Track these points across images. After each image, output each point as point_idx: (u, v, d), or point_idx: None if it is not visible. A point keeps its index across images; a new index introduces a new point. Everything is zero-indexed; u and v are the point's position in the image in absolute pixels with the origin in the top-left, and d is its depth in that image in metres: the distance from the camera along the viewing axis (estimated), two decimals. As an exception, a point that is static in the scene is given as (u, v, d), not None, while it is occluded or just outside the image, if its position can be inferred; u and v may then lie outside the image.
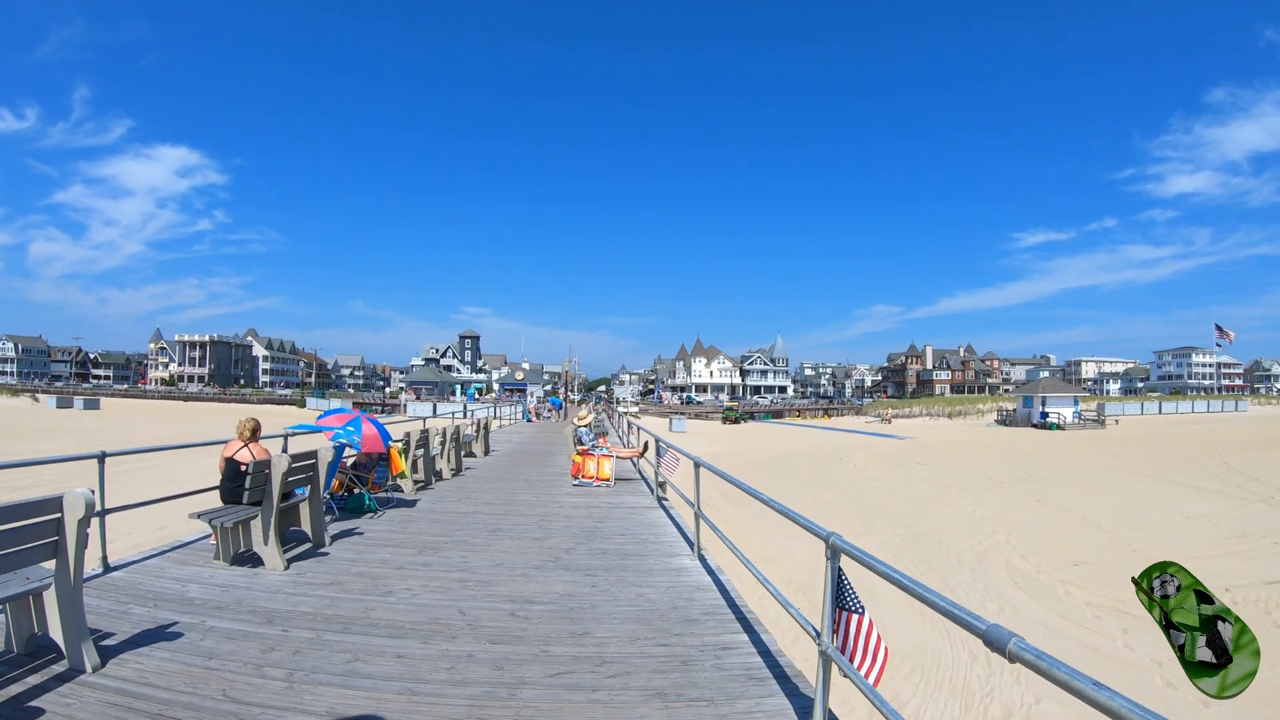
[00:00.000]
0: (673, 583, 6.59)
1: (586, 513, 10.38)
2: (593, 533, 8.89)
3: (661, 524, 9.66)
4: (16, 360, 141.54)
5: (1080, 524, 20.30)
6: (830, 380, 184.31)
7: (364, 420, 9.45)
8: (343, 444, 9.01)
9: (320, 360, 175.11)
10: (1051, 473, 32.51)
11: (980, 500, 25.15)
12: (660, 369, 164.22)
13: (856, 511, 21.95)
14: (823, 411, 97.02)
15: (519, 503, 11.11)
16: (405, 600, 5.89)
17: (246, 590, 6.14)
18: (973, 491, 27.12)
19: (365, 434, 9.26)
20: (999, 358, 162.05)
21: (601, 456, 13.09)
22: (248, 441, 7.41)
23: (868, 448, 45.07)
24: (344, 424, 9.28)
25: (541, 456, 18.77)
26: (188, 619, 5.38)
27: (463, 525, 9.13)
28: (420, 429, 11.93)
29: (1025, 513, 22.19)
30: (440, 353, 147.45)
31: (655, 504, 11.30)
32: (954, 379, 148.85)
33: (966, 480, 30.39)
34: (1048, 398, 70.01)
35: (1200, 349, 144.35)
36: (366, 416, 9.61)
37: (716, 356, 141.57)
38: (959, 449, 45.73)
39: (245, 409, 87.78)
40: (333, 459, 7.95)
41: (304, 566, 6.94)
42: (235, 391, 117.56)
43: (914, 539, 17.94)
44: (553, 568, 7.07)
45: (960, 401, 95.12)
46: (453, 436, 14.09)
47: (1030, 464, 36.11)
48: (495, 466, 16.12)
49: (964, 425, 74.85)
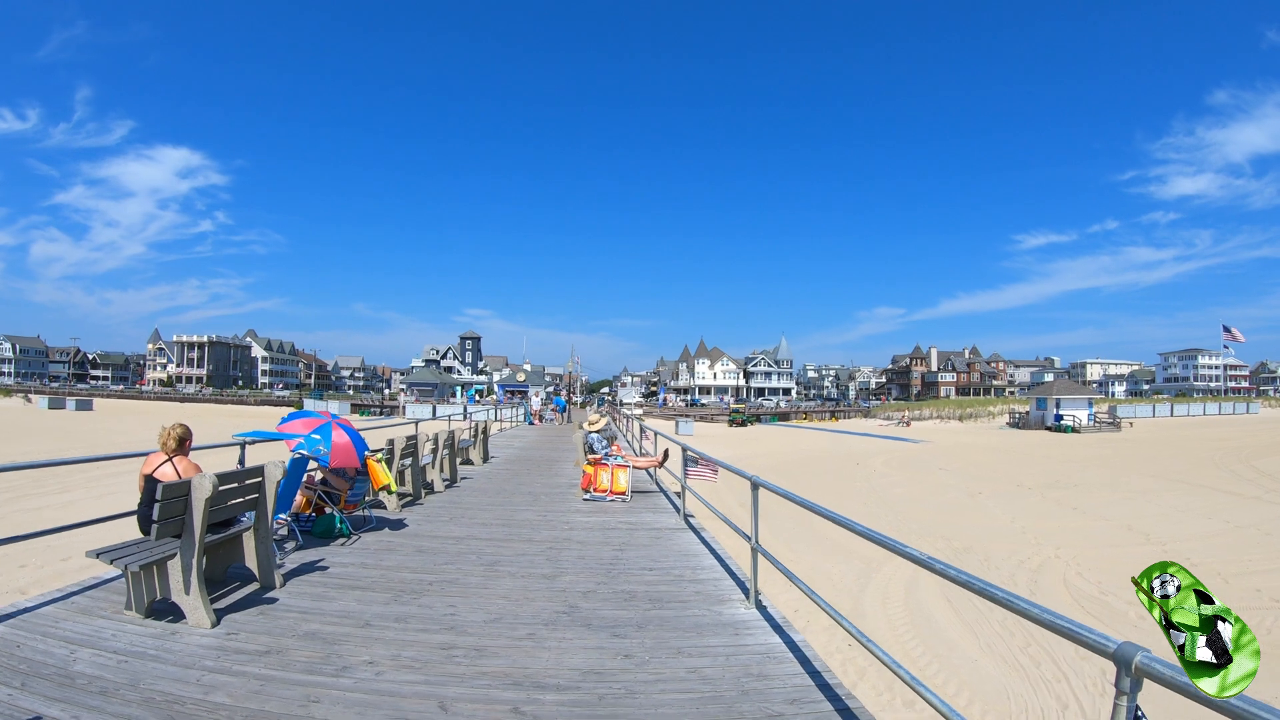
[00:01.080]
0: (732, 648, 4.87)
1: (603, 537, 8.69)
2: (614, 566, 7.19)
3: (695, 551, 7.97)
4: (14, 360, 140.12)
5: (1127, 534, 18.89)
6: (834, 382, 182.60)
7: (335, 426, 7.77)
8: (306, 456, 7.33)
9: (320, 361, 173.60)
10: (1080, 478, 31.03)
11: (1015, 509, 23.67)
12: (663, 371, 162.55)
13: (887, 522, 20.33)
14: (829, 414, 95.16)
15: (522, 524, 9.41)
16: (365, 683, 4.18)
17: (154, 661, 4.45)
18: (1005, 499, 25.60)
19: (336, 443, 7.57)
20: (1004, 360, 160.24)
21: (616, 467, 11.37)
22: (173, 454, 5.74)
23: (883, 452, 43.37)
24: (310, 431, 7.59)
25: (545, 464, 17.08)
26: (57, 712, 3.72)
27: (453, 556, 7.43)
28: (406, 436, 10.19)
29: (1066, 522, 20.70)
30: (441, 354, 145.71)
31: (682, 524, 9.62)
32: (959, 381, 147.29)
33: (995, 486, 28.79)
34: (1061, 400, 68.37)
35: (1206, 351, 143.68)
36: (338, 422, 7.92)
37: (720, 358, 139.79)
38: (976, 452, 44.12)
39: (242, 410, 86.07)
40: (286, 475, 6.27)
41: (240, 621, 5.24)
42: (232, 393, 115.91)
43: (958, 554, 16.28)
44: (568, 622, 5.36)
45: (970, 404, 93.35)
46: (446, 444, 12.40)
47: (1055, 468, 34.63)
48: (495, 476, 14.42)
49: (975, 428, 73.14)
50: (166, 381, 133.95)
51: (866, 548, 15.12)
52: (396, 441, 10.03)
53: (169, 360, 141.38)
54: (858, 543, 15.85)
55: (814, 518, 5.16)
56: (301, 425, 7.60)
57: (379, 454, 8.67)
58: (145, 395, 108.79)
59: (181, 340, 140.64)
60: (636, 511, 10.59)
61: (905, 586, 13.29)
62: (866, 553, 15.16)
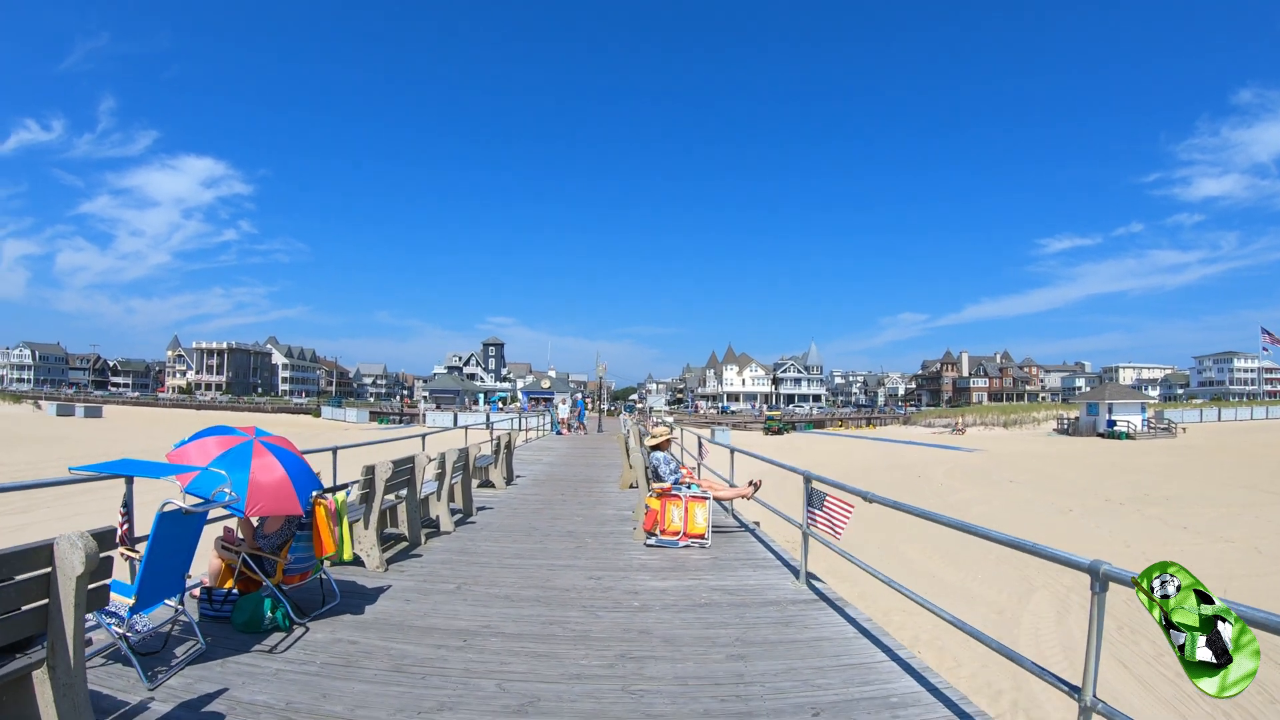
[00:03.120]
0: None
1: (698, 621, 5.43)
2: (741, 697, 3.98)
3: (858, 653, 4.73)
4: (34, 367, 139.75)
5: (1257, 558, 16.23)
6: (862, 388, 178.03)
7: (259, 450, 4.62)
8: (203, 508, 4.19)
9: (342, 369, 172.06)
10: (1168, 490, 27.84)
11: (1118, 528, 20.51)
12: (689, 377, 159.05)
13: (984, 546, 17.08)
14: (866, 421, 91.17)
15: (566, 595, 6.14)
16: None
17: None
18: (1101, 517, 22.49)
19: (258, 482, 4.42)
20: (1037, 364, 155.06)
21: (691, 500, 8.12)
22: None
23: (941, 462, 39.82)
24: (215, 458, 4.46)
25: (583, 487, 13.73)
26: None
27: (457, 681, 4.22)
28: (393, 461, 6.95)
29: (1185, 545, 17.81)
30: (464, 360, 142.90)
31: (805, 590, 6.37)
32: (992, 387, 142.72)
33: (1080, 501, 25.51)
34: (1114, 405, 64.20)
35: (1242, 354, 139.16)
36: (267, 443, 4.76)
37: (749, 364, 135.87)
38: (1035, 460, 40.57)
39: (257, 418, 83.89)
40: (154, 542, 3.13)
41: None
42: (249, 400, 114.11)
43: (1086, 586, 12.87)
44: None
45: (1013, 409, 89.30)
46: (458, 465, 9.24)
47: (1133, 480, 31.51)
48: (521, 506, 11.12)
49: (1022, 435, 69.29)
50: (186, 389, 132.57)
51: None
52: (379, 470, 6.79)
53: (188, 367, 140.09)
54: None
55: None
56: (198, 451, 4.44)
57: (343, 492, 5.45)
58: (161, 403, 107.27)
59: (201, 347, 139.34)
60: (727, 565, 7.31)
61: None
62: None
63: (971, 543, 17.28)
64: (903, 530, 18.27)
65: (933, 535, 17.77)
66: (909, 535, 18.07)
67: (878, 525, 18.93)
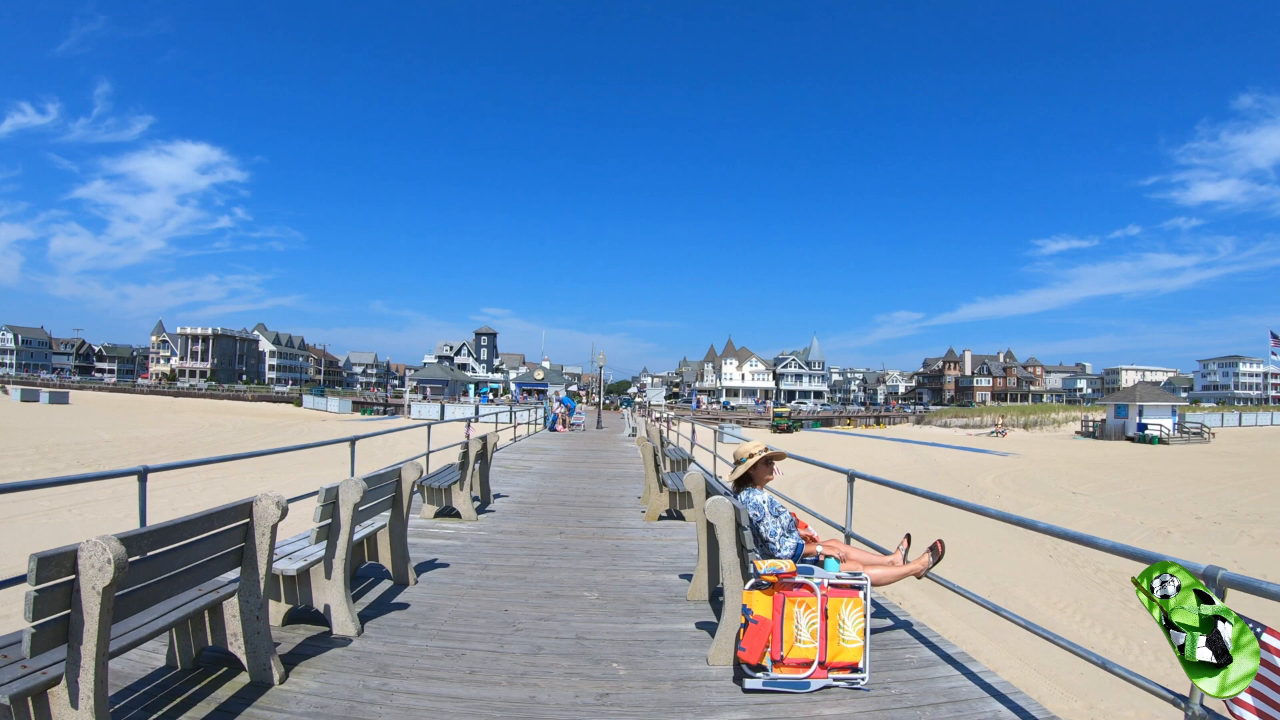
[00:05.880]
0: None
1: None
2: None
3: None
4: (16, 351, 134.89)
5: None
6: (861, 385, 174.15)
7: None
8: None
9: (331, 357, 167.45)
10: (1257, 506, 24.05)
11: (1238, 556, 16.72)
12: (686, 371, 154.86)
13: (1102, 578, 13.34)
14: (874, 419, 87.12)
15: None
16: None
17: None
18: (1203, 540, 18.65)
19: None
20: (1041, 364, 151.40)
21: (833, 591, 3.98)
22: None
23: (986, 468, 35.87)
24: None
25: (590, 515, 9.26)
26: None
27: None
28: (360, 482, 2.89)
29: None
30: (455, 350, 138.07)
31: None
32: (995, 386, 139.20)
33: (1170, 519, 21.89)
34: (1144, 406, 60.23)
35: (1247, 358, 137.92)
36: None
37: (749, 359, 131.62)
38: (1080, 468, 36.71)
39: (235, 406, 79.47)
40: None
41: None
42: (230, 388, 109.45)
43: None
44: None
45: (1034, 410, 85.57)
46: (387, 496, 5.12)
47: (1204, 492, 27.68)
48: (491, 563, 6.64)
49: (1045, 437, 65.47)
50: (169, 375, 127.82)
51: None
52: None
53: (172, 353, 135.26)
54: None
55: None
56: None
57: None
58: (138, 389, 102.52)
59: (185, 333, 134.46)
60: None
61: None
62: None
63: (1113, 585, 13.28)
64: (997, 562, 14.30)
65: (1049, 575, 13.78)
66: (1007, 568, 14.10)
67: (974, 552, 15.27)
